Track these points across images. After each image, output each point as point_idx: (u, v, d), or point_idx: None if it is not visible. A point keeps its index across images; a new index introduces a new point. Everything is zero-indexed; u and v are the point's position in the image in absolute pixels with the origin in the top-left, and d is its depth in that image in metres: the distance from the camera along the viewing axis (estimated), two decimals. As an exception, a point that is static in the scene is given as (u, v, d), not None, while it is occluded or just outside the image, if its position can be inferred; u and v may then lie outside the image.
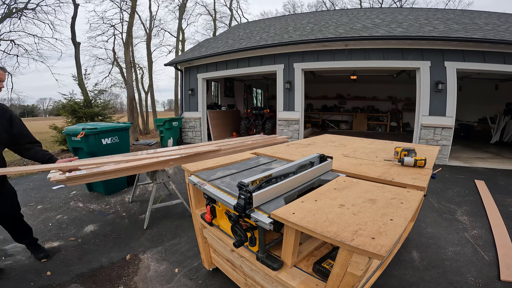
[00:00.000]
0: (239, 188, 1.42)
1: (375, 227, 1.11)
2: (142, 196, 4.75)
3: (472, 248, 3.00)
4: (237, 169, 2.16)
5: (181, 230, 3.44)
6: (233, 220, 1.51)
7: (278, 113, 9.11)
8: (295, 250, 1.44)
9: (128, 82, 14.30)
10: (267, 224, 1.29)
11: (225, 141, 4.89)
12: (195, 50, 12.06)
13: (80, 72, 14.36)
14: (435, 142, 7.12)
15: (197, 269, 2.65)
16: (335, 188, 1.60)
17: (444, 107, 7.03)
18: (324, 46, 8.07)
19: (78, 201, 4.51)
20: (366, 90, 15.11)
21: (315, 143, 3.40)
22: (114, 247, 3.07)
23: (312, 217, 1.21)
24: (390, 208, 1.30)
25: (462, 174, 6.13)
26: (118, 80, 22.02)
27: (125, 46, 15.20)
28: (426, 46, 7.04)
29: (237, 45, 9.89)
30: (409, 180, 1.78)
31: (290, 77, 8.70)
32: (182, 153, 3.51)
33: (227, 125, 12.44)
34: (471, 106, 12.07)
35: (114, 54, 20.58)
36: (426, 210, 4.04)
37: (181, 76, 11.52)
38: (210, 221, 2.00)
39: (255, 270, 1.69)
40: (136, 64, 21.00)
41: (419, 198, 1.46)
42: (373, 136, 4.92)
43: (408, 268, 2.62)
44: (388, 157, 2.46)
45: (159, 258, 2.87)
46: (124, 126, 4.94)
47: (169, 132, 10.05)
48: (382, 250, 0.95)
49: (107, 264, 2.75)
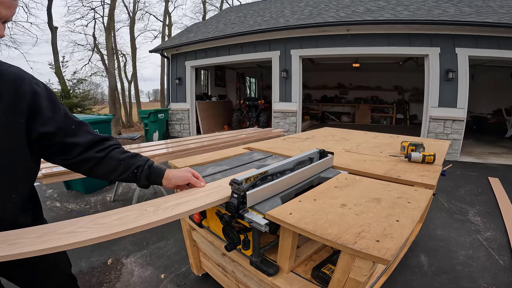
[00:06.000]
0: (232, 186, 1.41)
1: (380, 228, 1.10)
2: (125, 195, 4.72)
3: (486, 251, 3.01)
4: (229, 165, 2.14)
5: (168, 232, 3.42)
6: (224, 221, 1.49)
7: (273, 104, 9.10)
8: (292, 254, 1.43)
9: (110, 70, 14.17)
10: (262, 225, 1.28)
11: (215, 135, 4.87)
12: (183, 35, 11.95)
13: (57, 60, 14.23)
14: (445, 136, 7.18)
15: (185, 274, 2.64)
16: (336, 187, 1.59)
17: (455, 97, 7.06)
18: (324, 31, 8.04)
19: (55, 201, 4.46)
20: (370, 79, 15.08)
21: (314, 137, 3.40)
22: (95, 250, 3.03)
23: (311, 218, 1.20)
24: (396, 208, 1.29)
25: (474, 171, 6.17)
26: (99, 68, 21.73)
27: (107, 31, 15.04)
28: (435, 31, 7.04)
29: (229, 30, 9.81)
30: (417, 177, 1.78)
31: (287, 65, 8.67)
32: (168, 147, 3.49)
33: (218, 117, 12.40)
34: (485, 96, 11.94)
35: (95, 39, 20.35)
36: (436, 210, 4.06)
37: (167, 64, 11.43)
38: (199, 222, 1.98)
39: (249, 275, 1.69)
40: (119, 50, 20.82)
41: (428, 197, 1.46)
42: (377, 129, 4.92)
43: (415, 274, 2.63)
44: (393, 152, 2.46)
45: (143, 262, 2.86)
46: (105, 118, 4.89)
47: (155, 125, 9.99)
48: (388, 254, 0.95)
49: (87, 270, 2.72)
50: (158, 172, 1.35)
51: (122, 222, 1.05)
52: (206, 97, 12.76)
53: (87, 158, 1.19)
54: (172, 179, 1.37)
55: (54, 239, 0.91)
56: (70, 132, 1.15)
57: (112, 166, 1.24)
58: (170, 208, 1.20)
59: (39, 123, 1.05)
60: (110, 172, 1.25)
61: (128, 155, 1.30)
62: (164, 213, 1.15)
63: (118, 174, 1.26)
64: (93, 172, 1.24)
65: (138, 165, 1.29)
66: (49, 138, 1.09)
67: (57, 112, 1.11)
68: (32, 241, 0.88)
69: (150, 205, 1.23)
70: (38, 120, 1.05)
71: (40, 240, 0.89)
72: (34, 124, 1.04)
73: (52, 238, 0.91)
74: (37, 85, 1.07)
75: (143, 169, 1.30)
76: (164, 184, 1.37)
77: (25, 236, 0.91)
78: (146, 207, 1.19)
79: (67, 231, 0.96)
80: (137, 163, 1.30)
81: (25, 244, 0.86)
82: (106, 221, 1.05)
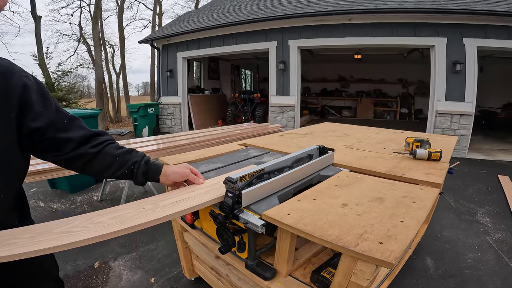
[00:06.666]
0: (226, 184, 1.40)
1: (383, 230, 1.10)
2: (113, 194, 4.71)
3: (495, 254, 3.02)
4: (223, 163, 2.14)
5: (158, 234, 3.42)
6: (218, 221, 1.49)
7: (270, 98, 9.09)
8: (290, 256, 1.43)
9: (97, 62, 14.11)
10: (259, 226, 1.28)
11: (209, 130, 4.86)
12: (175, 25, 11.88)
13: (41, 51, 14.12)
14: (452, 131, 7.21)
15: (176, 278, 2.64)
16: (337, 185, 1.59)
17: (462, 91, 7.08)
18: (324, 20, 8.03)
19: (39, 200, 4.44)
20: (372, 72, 15.11)
21: (314, 132, 3.40)
22: (81, 253, 3.02)
23: (310, 219, 1.20)
24: (400, 208, 1.29)
25: (483, 168, 6.21)
26: (85, 59, 21.61)
27: (93, 20, 14.96)
28: (442, 21, 7.06)
29: (223, 19, 9.76)
30: (423, 175, 1.78)
31: (285, 56, 8.66)
32: (159, 144, 3.48)
33: (212, 111, 12.38)
34: (494, 90, 11.88)
35: (81, 29, 20.23)
36: (442, 210, 4.07)
37: (158, 55, 11.38)
38: (191, 223, 1.98)
39: (244, 279, 1.68)
40: (106, 41, 20.71)
41: (434, 196, 1.46)
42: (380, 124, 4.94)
43: (421, 278, 2.64)
44: (398, 149, 2.47)
45: (132, 265, 2.85)
46: (92, 113, 4.88)
47: (144, 120, 9.97)
48: (391, 256, 0.94)
49: (73, 273, 2.71)
50: (156, 168, 1.34)
51: (119, 220, 1.05)
52: (199, 90, 12.72)
53: (80, 154, 1.17)
54: (170, 175, 1.37)
55: (49, 239, 0.89)
56: (62, 127, 1.13)
57: (106, 163, 1.23)
58: (169, 206, 1.20)
59: (29, 118, 1.03)
60: (104, 168, 1.24)
61: (124, 151, 1.28)
62: (163, 211, 1.15)
63: (113, 170, 1.25)
64: (87, 169, 1.23)
65: (134, 161, 1.28)
66: (41, 133, 1.07)
67: (48, 107, 1.09)
68: (25, 242, 0.86)
69: (147, 203, 1.22)
70: (29, 115, 1.03)
71: (35, 241, 0.88)
72: (24, 119, 1.02)
73: (46, 238, 0.90)
74: (27, 79, 1.05)
75: (140, 165, 1.28)
76: (161, 181, 1.36)
77: (19, 236, 0.90)
78: (143, 205, 1.19)
79: (61, 230, 0.95)
80: (133, 158, 1.28)
81: (19, 245, 0.84)
82: (102, 220, 1.04)
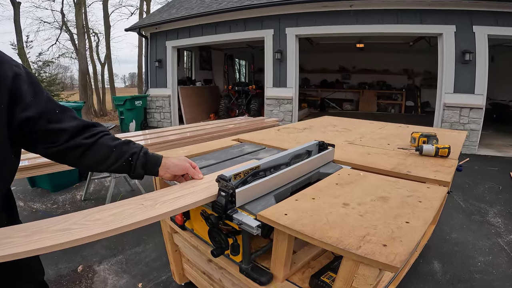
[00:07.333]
0: (219, 182, 1.39)
1: (387, 231, 1.10)
2: (98, 193, 4.71)
3: (507, 257, 3.03)
4: (216, 159, 2.13)
5: (146, 236, 3.42)
6: (211, 222, 1.48)
7: (266, 90, 9.11)
8: (287, 260, 1.42)
9: (80, 51, 14.04)
10: (254, 227, 1.27)
11: (200, 125, 4.85)
12: (164, 11, 11.82)
13: (21, 39, 14.05)
14: (462, 126, 7.25)
15: (165, 283, 2.64)
16: (338, 183, 1.59)
17: (472, 82, 7.10)
18: (324, 6, 8.01)
19: (18, 199, 4.40)
20: (376, 62, 15.14)
21: (313, 127, 3.40)
22: (63, 256, 3.01)
23: (309, 219, 1.20)
24: (405, 208, 1.29)
25: (495, 165, 6.25)
26: (68, 49, 21.43)
27: (76, 6, 14.84)
28: (450, 7, 7.05)
29: (216, 6, 9.70)
30: (430, 173, 1.78)
31: (282, 45, 8.65)
32: (147, 139, 3.47)
33: (203, 104, 12.37)
34: (506, 81, 11.75)
35: (63, 16, 19.98)
36: (451, 210, 4.08)
37: (146, 44, 11.35)
38: (182, 224, 1.97)
39: (238, 284, 1.68)
40: (90, 29, 20.48)
41: (442, 195, 1.46)
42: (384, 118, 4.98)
43: (428, 282, 2.65)
44: (403, 144, 2.47)
45: (118, 270, 2.85)
46: (75, 106, 4.90)
47: (131, 113, 9.96)
48: (396, 260, 0.94)
49: (54, 278, 2.71)
50: (155, 160, 1.33)
51: (118, 217, 1.05)
52: (190, 81, 12.71)
53: (74, 145, 1.15)
54: (170, 167, 1.36)
55: (45, 238, 0.88)
56: (54, 117, 1.11)
57: (102, 154, 1.21)
58: (169, 202, 1.20)
59: (19, 109, 1.02)
60: (100, 161, 1.22)
61: (121, 142, 1.27)
62: (164, 207, 1.15)
63: (110, 163, 1.23)
64: (81, 162, 1.21)
65: (132, 153, 1.26)
66: (31, 123, 1.05)
67: (39, 96, 1.08)
68: (20, 241, 0.85)
69: (146, 199, 1.23)
70: (19, 106, 1.02)
71: (30, 240, 0.87)
72: (14, 110, 1.01)
73: (43, 237, 0.89)
74: (18, 68, 1.05)
75: (139, 157, 1.27)
76: (160, 174, 1.36)
77: (12, 236, 0.88)
78: (142, 202, 1.20)
79: (58, 228, 0.95)
80: (131, 150, 1.27)
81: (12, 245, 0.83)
82: (101, 217, 1.04)
